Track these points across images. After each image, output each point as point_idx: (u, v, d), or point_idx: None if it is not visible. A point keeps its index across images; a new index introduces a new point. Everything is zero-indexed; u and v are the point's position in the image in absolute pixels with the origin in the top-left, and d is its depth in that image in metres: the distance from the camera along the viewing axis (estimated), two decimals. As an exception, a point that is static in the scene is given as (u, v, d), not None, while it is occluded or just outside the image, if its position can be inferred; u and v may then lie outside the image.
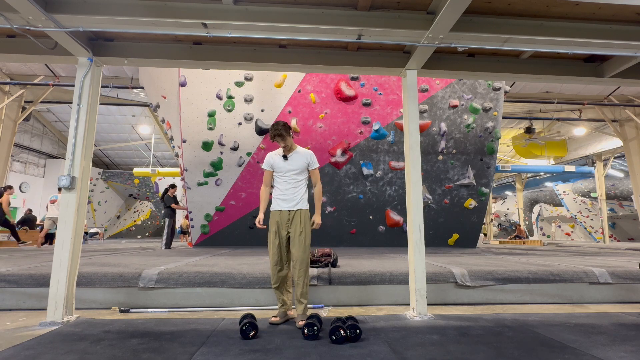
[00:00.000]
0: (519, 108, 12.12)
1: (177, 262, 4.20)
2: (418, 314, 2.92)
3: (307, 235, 2.82)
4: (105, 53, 3.34)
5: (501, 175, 20.83)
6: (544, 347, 2.20)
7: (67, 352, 2.07)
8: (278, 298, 2.85)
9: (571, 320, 2.88)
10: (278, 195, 2.91)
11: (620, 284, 3.71)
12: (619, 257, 5.95)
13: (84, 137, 3.03)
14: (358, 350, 2.13)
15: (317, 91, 7.48)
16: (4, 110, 9.79)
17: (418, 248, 3.07)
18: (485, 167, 8.10)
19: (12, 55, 3.43)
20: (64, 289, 2.78)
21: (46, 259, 4.45)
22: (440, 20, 2.77)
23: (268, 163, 2.99)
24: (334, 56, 3.60)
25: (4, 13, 2.78)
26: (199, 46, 3.52)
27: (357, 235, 8.27)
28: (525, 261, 4.78)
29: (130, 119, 16.99)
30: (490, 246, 11.09)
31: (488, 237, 18.27)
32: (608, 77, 3.78)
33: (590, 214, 18.77)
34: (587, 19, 3.13)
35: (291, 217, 2.84)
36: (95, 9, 2.86)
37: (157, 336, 2.38)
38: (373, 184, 7.96)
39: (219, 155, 7.60)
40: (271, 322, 2.73)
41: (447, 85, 7.63)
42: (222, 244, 8.19)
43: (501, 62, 3.76)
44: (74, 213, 2.91)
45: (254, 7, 2.95)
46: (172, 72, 7.39)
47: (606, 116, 11.36)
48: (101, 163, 22.28)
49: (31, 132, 17.88)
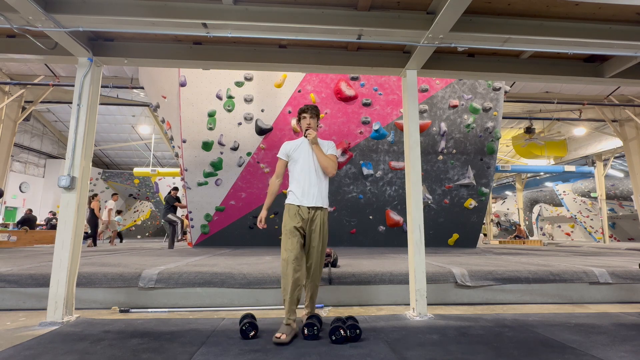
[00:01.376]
0: (519, 108, 12.12)
1: (177, 262, 4.20)
2: (418, 314, 2.92)
3: (324, 243, 2.59)
4: (105, 53, 3.34)
5: (501, 175, 20.83)
6: (544, 347, 2.20)
7: (67, 352, 2.07)
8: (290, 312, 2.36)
9: (571, 320, 2.88)
10: (294, 188, 2.61)
11: (621, 284, 3.71)
12: (619, 257, 5.95)
13: (84, 137, 3.03)
14: (358, 350, 2.12)
15: (317, 91, 7.48)
16: (4, 110, 9.78)
17: (418, 248, 3.07)
18: (485, 167, 8.10)
19: (12, 55, 3.43)
20: (64, 289, 2.78)
21: (46, 259, 4.45)
22: (440, 20, 2.77)
23: (284, 151, 2.71)
24: (334, 56, 3.59)
25: (3, 13, 2.78)
26: (199, 46, 3.52)
27: (357, 235, 8.27)
28: (525, 261, 4.78)
29: (130, 119, 17.00)
30: (490, 246, 11.09)
31: (488, 237, 18.27)
32: (608, 77, 3.78)
33: (590, 214, 18.77)
34: (587, 19, 3.13)
35: (310, 217, 2.55)
36: (95, 9, 2.86)
37: (157, 336, 2.38)
38: (373, 184, 7.96)
39: (219, 155, 7.60)
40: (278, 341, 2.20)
41: (447, 85, 7.63)
42: (222, 244, 8.20)
43: (501, 62, 3.76)
44: (74, 213, 2.91)
45: (254, 7, 2.95)
46: (172, 72, 7.39)
47: (606, 116, 11.36)
48: (101, 163, 22.29)
49: (31, 132, 17.89)
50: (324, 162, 2.63)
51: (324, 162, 2.63)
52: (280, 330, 2.29)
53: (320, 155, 2.64)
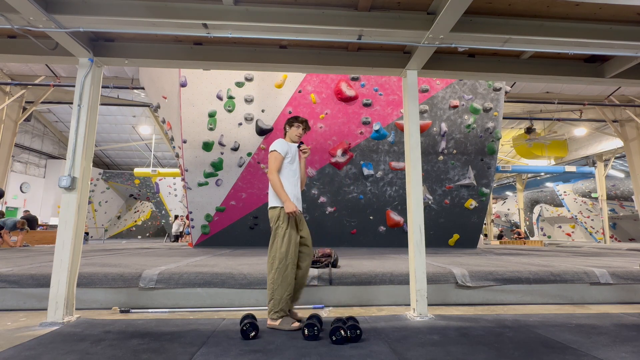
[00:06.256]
0: (520, 108, 12.13)
1: (178, 263, 4.20)
2: (418, 315, 2.92)
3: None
4: (106, 53, 3.35)
5: (502, 175, 20.81)
6: (544, 347, 2.20)
7: (68, 352, 2.07)
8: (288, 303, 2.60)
9: (572, 320, 2.88)
10: (290, 190, 2.72)
11: (621, 284, 3.71)
12: (620, 257, 5.94)
13: (84, 137, 3.03)
14: (358, 350, 2.12)
15: (318, 91, 7.48)
16: (5, 111, 9.80)
17: (418, 248, 3.07)
18: (485, 167, 8.09)
19: (13, 55, 3.43)
20: (64, 289, 2.78)
21: (47, 259, 4.46)
22: (441, 21, 2.77)
23: (284, 148, 2.75)
24: (334, 57, 3.60)
25: (4, 14, 2.79)
26: (200, 47, 3.52)
27: (357, 236, 8.26)
28: (526, 262, 4.77)
29: (131, 119, 17.02)
30: (490, 247, 11.08)
31: (489, 237, 18.26)
32: (609, 77, 3.78)
33: (591, 215, 18.74)
34: (588, 19, 3.13)
35: (300, 220, 2.77)
36: (96, 9, 2.86)
37: (157, 336, 2.38)
38: (373, 185, 7.96)
39: (219, 156, 7.61)
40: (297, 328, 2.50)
41: (448, 85, 7.63)
42: (222, 245, 8.20)
43: (502, 63, 3.76)
44: (74, 213, 2.91)
45: (254, 7, 2.96)
46: (173, 73, 7.40)
47: (607, 116, 11.36)
48: (102, 163, 22.32)
49: (32, 133, 17.91)
50: (304, 177, 2.97)
51: (304, 176, 2.97)
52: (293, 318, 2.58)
53: (304, 168, 2.96)
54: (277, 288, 2.56)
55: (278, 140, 2.79)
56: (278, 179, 2.68)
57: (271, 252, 2.65)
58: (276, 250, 2.61)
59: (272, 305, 2.55)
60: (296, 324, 2.50)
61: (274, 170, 2.69)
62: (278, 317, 2.54)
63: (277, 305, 2.54)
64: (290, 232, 2.64)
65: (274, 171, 2.69)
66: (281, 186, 2.66)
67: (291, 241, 2.62)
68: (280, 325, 2.51)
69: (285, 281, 2.57)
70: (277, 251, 2.61)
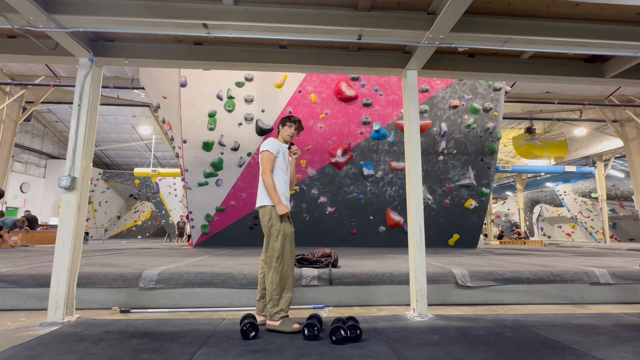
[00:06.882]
0: (520, 108, 12.13)
1: (178, 263, 4.20)
2: (418, 315, 2.92)
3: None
4: (106, 53, 3.35)
5: (502, 175, 20.82)
6: (544, 347, 2.20)
7: (68, 352, 2.07)
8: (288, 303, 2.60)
9: (572, 320, 2.88)
10: (284, 191, 2.74)
11: (621, 284, 3.71)
12: (620, 257, 5.94)
13: (84, 137, 3.03)
14: (358, 350, 2.12)
15: (318, 91, 7.48)
16: (5, 111, 9.80)
17: (418, 248, 3.07)
18: (485, 167, 8.09)
19: (13, 55, 3.44)
20: (64, 289, 2.78)
21: (47, 259, 4.46)
22: (441, 21, 2.77)
23: (275, 147, 2.76)
24: (334, 57, 3.60)
25: (5, 14, 2.79)
26: (200, 47, 3.52)
27: (357, 236, 8.26)
28: (526, 262, 4.77)
29: (131, 119, 17.03)
30: (490, 247, 11.08)
31: (489, 237, 18.25)
32: (609, 77, 3.78)
33: (591, 215, 18.74)
34: (588, 20, 3.13)
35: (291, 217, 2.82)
36: (96, 9, 2.86)
37: (157, 336, 2.38)
38: (373, 185, 7.96)
39: (219, 156, 7.61)
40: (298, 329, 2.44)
41: (448, 85, 7.63)
42: (222, 245, 8.20)
43: (502, 63, 3.76)
44: (74, 214, 2.91)
45: (254, 7, 2.96)
46: (173, 73, 7.40)
47: (607, 116, 11.36)
48: (102, 163, 22.32)
49: (32, 133, 17.91)
50: (294, 179, 2.98)
51: (294, 178, 2.98)
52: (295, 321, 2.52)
53: (294, 170, 2.97)
54: (277, 288, 2.54)
55: (269, 139, 2.80)
56: (272, 180, 2.67)
57: (267, 252, 2.64)
58: (272, 249, 2.59)
59: (272, 306, 2.54)
60: (297, 325, 2.46)
61: (267, 171, 2.69)
62: (278, 317, 2.52)
63: (277, 305, 2.53)
64: (285, 227, 2.62)
65: (268, 172, 2.69)
66: (274, 188, 2.66)
67: (286, 237, 2.60)
68: (281, 327, 2.48)
69: (283, 280, 2.55)
70: (273, 250, 2.59)
